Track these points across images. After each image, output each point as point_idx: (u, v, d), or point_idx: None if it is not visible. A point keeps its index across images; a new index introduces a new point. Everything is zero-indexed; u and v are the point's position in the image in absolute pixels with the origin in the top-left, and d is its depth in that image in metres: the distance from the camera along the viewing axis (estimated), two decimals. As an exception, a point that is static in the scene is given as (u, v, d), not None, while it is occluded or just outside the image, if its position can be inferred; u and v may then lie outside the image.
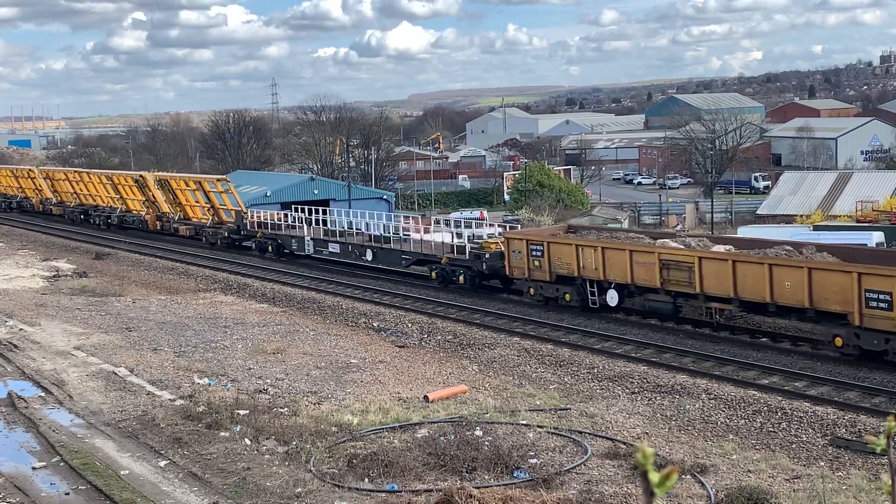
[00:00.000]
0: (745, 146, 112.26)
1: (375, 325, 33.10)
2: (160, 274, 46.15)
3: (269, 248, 48.93)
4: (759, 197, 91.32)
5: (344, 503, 17.20)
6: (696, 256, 28.59)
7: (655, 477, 2.54)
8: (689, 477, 18.10)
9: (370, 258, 42.58)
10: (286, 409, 22.80)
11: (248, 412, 22.23)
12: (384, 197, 71.46)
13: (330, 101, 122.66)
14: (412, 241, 41.07)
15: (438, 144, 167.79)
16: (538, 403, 23.36)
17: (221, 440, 20.52)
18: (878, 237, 42.10)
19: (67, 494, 17.70)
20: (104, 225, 63.54)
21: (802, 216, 64.96)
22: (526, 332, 30.70)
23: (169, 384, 25.19)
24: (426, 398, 23.48)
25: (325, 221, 47.69)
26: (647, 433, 21.14)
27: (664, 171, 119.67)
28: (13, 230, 66.82)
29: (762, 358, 26.33)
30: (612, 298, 31.44)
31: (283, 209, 53.41)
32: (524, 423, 21.45)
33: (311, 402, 23.51)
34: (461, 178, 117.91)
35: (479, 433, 20.62)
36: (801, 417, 21.41)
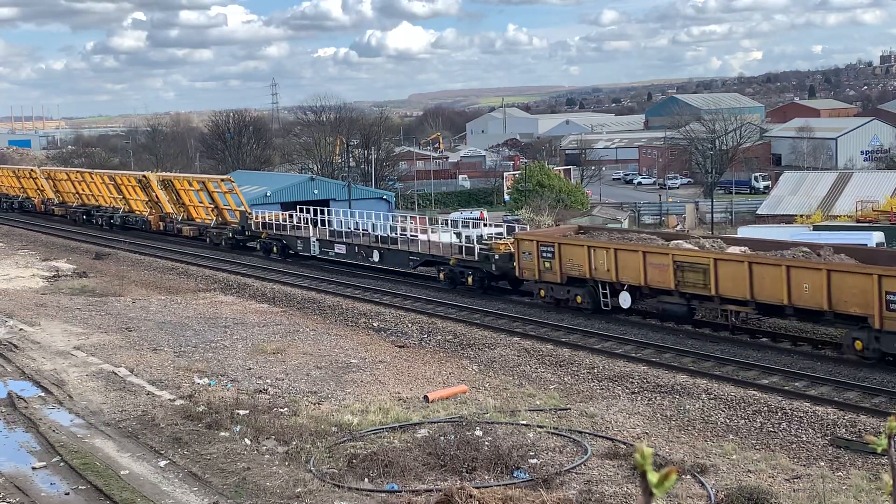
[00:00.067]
0: (745, 146, 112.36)
1: (375, 325, 33.09)
2: (160, 274, 46.14)
3: (273, 248, 48.68)
4: (759, 197, 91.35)
5: (344, 503, 17.20)
6: (711, 258, 28.13)
7: (654, 477, 2.55)
8: (689, 477, 18.10)
9: (377, 259, 42.22)
10: (286, 409, 22.80)
11: (248, 412, 22.23)
12: (384, 197, 71.53)
13: (330, 101, 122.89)
14: (420, 241, 40.69)
15: (438, 144, 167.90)
16: (538, 403, 23.36)
17: (221, 440, 20.52)
18: (878, 237, 42.04)
19: (67, 494, 17.70)
20: (107, 226, 63.38)
21: (802, 216, 64.91)
22: (526, 332, 30.67)
23: (169, 384, 25.19)
24: (426, 398, 23.49)
25: (325, 222, 47.58)
26: (647, 433, 21.13)
27: (664, 171, 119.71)
28: (13, 230, 66.81)
29: (762, 358, 26.30)
30: (624, 300, 30.97)
31: (283, 209, 53.35)
32: (524, 423, 21.45)
33: (311, 402, 23.51)
34: (461, 178, 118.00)
35: (479, 433, 20.62)
36: (801, 417, 21.40)
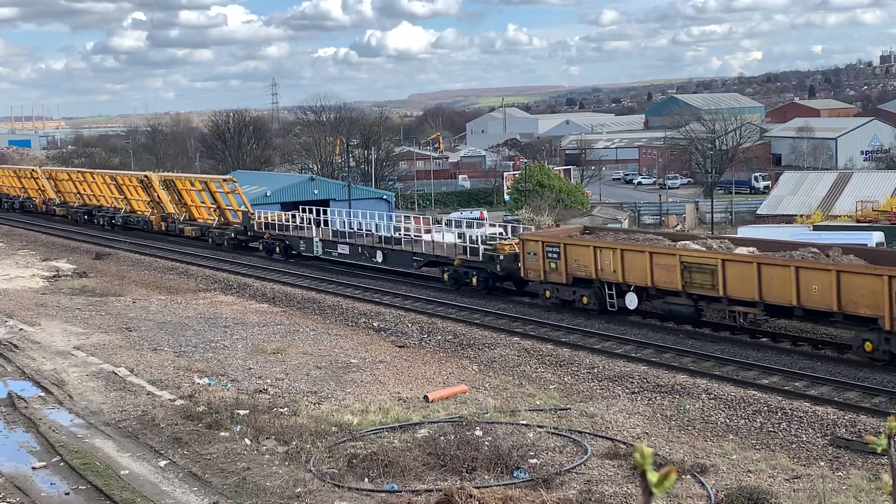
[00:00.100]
0: (745, 146, 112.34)
1: (375, 325, 33.09)
2: (160, 274, 46.13)
3: (276, 249, 48.56)
4: (759, 197, 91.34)
5: (344, 503, 17.20)
6: (719, 259, 28.01)
7: (654, 477, 2.55)
8: (689, 477, 18.10)
9: (381, 260, 42.05)
10: (286, 409, 22.80)
11: (248, 412, 22.23)
12: (384, 197, 71.51)
13: (330, 101, 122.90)
14: (423, 242, 40.52)
15: (438, 144, 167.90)
16: (538, 403, 23.36)
17: (221, 440, 20.52)
18: (878, 237, 42.03)
19: (67, 494, 17.70)
20: (108, 226, 63.31)
21: (802, 216, 64.89)
22: (526, 332, 30.67)
23: (169, 384, 25.19)
24: (426, 398, 23.49)
25: (327, 222, 47.52)
26: (647, 433, 21.14)
27: (664, 171, 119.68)
28: (13, 230, 66.80)
29: (762, 358, 26.30)
30: (630, 301, 30.82)
31: (283, 209, 53.31)
32: (524, 423, 21.46)
33: (311, 402, 23.51)
34: (461, 178, 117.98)
35: (479, 433, 20.62)
36: (801, 417, 21.41)
